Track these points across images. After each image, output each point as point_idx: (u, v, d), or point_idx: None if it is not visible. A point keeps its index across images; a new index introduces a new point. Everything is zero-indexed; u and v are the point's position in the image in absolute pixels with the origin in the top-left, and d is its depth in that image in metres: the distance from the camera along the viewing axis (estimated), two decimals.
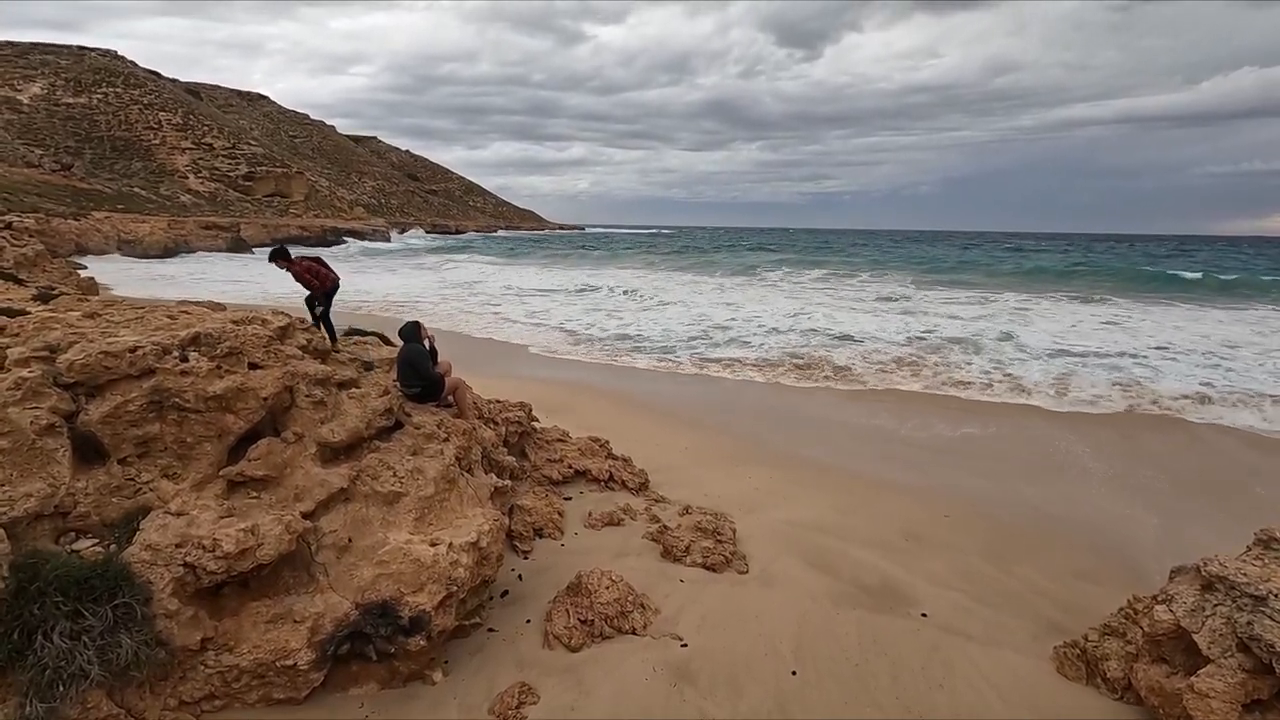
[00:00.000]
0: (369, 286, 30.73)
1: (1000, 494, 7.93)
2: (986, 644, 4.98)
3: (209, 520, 3.98)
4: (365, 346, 6.84)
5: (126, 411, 4.18)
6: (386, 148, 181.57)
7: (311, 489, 4.48)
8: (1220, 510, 7.46)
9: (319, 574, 4.22)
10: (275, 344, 4.95)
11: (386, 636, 4.10)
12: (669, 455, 8.76)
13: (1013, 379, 13.61)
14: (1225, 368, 14.43)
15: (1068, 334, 18.78)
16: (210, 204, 79.89)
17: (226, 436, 4.43)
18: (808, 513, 7.18)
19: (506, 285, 33.21)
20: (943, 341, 17.36)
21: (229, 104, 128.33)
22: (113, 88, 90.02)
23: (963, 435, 10.18)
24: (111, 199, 66.84)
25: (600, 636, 4.86)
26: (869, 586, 5.73)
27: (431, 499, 4.81)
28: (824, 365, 14.88)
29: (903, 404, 11.93)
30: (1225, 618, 3.87)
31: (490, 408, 7.33)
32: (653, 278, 38.42)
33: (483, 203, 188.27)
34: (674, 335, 18.89)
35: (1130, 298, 27.92)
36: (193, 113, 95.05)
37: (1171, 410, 11.52)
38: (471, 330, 19.87)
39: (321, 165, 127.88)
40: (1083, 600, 5.57)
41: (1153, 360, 15.14)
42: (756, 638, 4.92)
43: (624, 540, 6.41)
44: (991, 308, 24.46)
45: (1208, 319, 21.78)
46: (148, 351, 4.28)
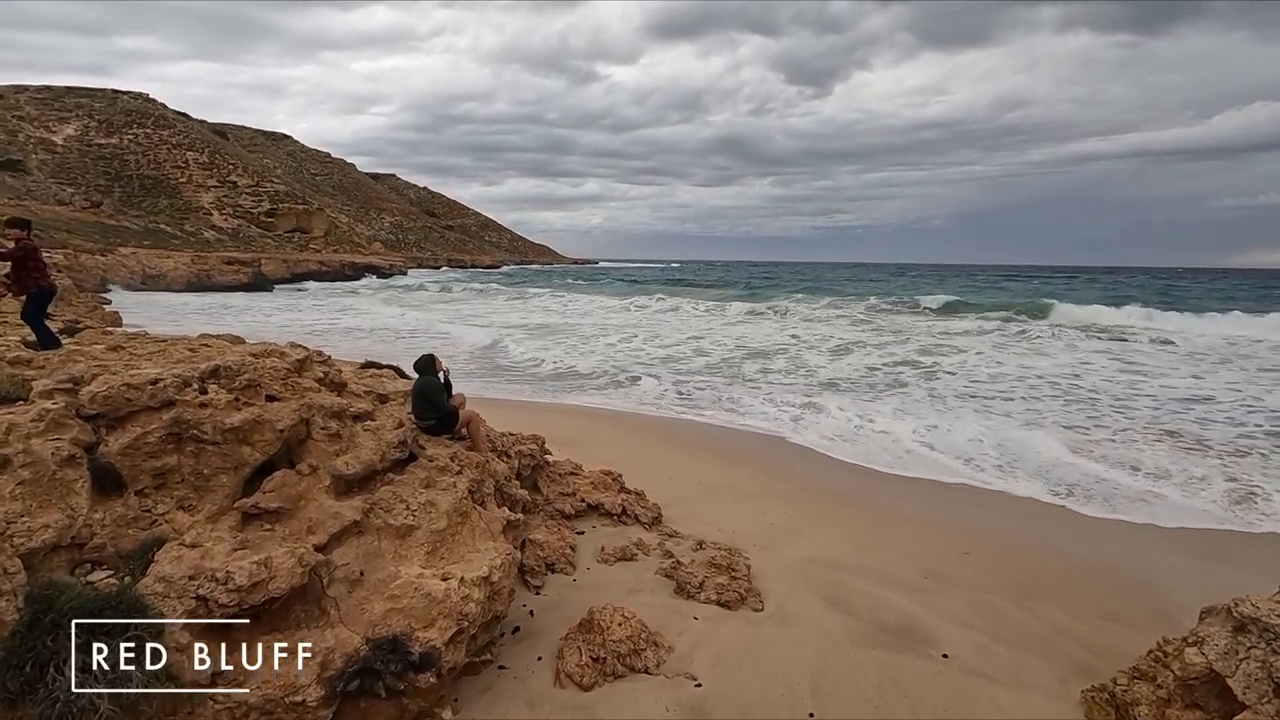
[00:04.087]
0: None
1: (1020, 530, 7.76)
2: (1011, 686, 4.82)
3: (222, 552, 3.98)
4: (381, 379, 6.90)
5: (146, 443, 4.23)
6: (405, 184, 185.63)
7: (325, 521, 4.48)
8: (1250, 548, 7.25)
9: (330, 608, 4.19)
10: (293, 376, 5.01)
11: (396, 673, 4.04)
12: (682, 489, 8.68)
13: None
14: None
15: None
16: (233, 239, 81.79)
17: (242, 468, 4.46)
18: (824, 548, 7.05)
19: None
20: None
21: (254, 143, 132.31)
22: (143, 129, 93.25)
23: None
24: (138, 235, 68.65)
25: (613, 675, 4.77)
26: (888, 625, 5.59)
27: (444, 532, 4.79)
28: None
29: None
30: (1260, 661, 3.73)
31: (503, 440, 7.33)
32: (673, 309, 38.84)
33: (499, 238, 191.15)
34: (683, 367, 18.94)
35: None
36: (219, 152, 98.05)
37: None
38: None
39: (341, 202, 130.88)
40: (1111, 642, 5.39)
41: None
42: (772, 677, 4.80)
43: (637, 576, 6.33)
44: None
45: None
46: (168, 384, 4.35)
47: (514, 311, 39.37)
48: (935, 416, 12.87)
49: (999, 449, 10.75)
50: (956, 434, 11.54)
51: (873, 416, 12.84)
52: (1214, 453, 10.72)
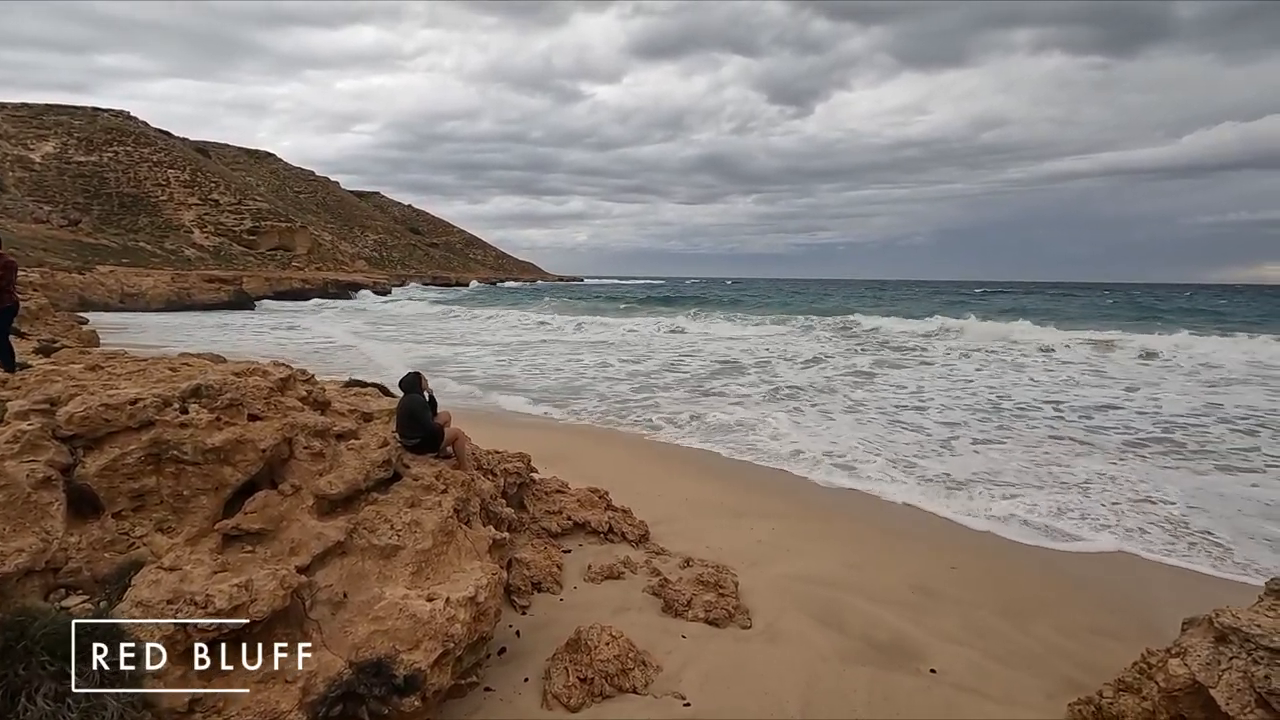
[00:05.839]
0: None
1: (1006, 546, 7.81)
2: (1001, 702, 4.82)
3: (202, 575, 3.91)
4: (365, 397, 6.84)
5: (124, 464, 4.15)
6: (389, 202, 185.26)
7: (308, 542, 4.41)
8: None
9: (313, 630, 4.12)
10: (276, 395, 4.95)
11: (380, 697, 3.96)
12: (670, 507, 8.65)
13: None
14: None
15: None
16: (214, 258, 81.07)
17: (224, 489, 4.39)
18: (813, 565, 7.04)
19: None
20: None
21: (237, 161, 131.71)
22: (123, 146, 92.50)
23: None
24: (117, 253, 67.84)
25: (600, 695, 4.71)
26: (878, 643, 5.57)
27: (429, 552, 4.73)
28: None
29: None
30: (1242, 671, 3.77)
31: (489, 459, 7.27)
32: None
33: (483, 255, 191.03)
34: (663, 383, 19.05)
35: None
36: (200, 170, 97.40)
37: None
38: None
39: (325, 220, 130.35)
40: (1098, 656, 5.39)
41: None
42: (762, 696, 4.77)
43: (624, 594, 6.28)
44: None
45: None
46: (148, 404, 4.28)
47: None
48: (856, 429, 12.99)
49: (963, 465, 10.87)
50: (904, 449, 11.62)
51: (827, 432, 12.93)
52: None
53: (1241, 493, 9.49)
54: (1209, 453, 11.65)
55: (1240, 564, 7.28)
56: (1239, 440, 12.45)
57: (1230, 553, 7.53)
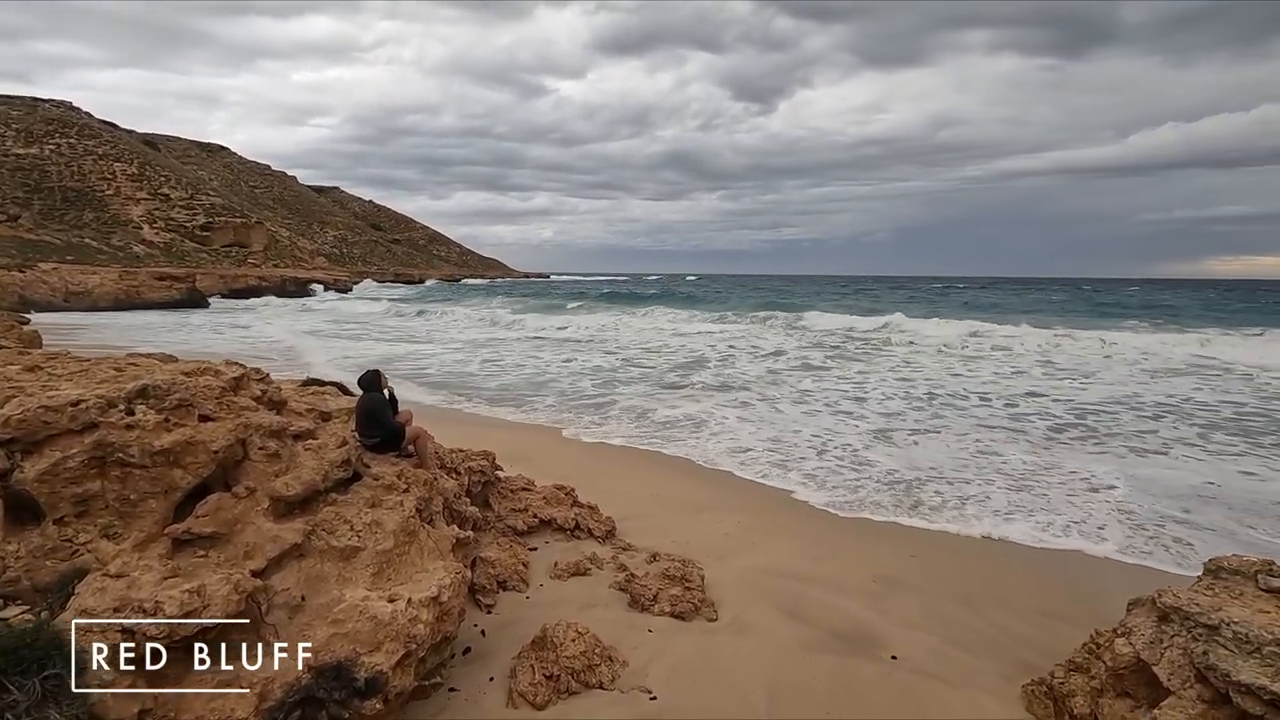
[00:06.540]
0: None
1: (965, 531, 8.02)
2: (957, 685, 4.96)
3: (151, 581, 3.77)
4: (324, 396, 6.69)
5: (65, 468, 3.99)
6: (349, 198, 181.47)
7: (263, 545, 4.29)
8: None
9: (269, 635, 4.01)
10: (228, 395, 4.81)
11: (340, 700, 3.89)
12: (637, 502, 8.66)
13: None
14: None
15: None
16: (165, 255, 78.35)
17: (173, 492, 4.25)
18: (778, 557, 7.13)
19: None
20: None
21: (188, 155, 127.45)
22: (66, 138, 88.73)
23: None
24: (60, 250, 65.09)
25: (567, 692, 4.70)
26: (841, 632, 5.67)
27: (390, 553, 4.65)
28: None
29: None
30: (1182, 649, 3.94)
31: (453, 457, 7.19)
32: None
33: (447, 251, 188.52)
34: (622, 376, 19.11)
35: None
36: (149, 163, 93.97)
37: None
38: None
39: (282, 215, 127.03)
40: (1053, 639, 5.55)
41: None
42: (727, 688, 4.81)
43: (591, 590, 6.27)
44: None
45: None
46: (91, 405, 4.12)
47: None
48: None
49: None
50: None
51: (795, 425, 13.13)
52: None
53: (1161, 475, 9.91)
54: (1115, 435, 12.59)
55: (1169, 546, 7.60)
56: (1143, 425, 13.38)
57: (1159, 535, 7.86)
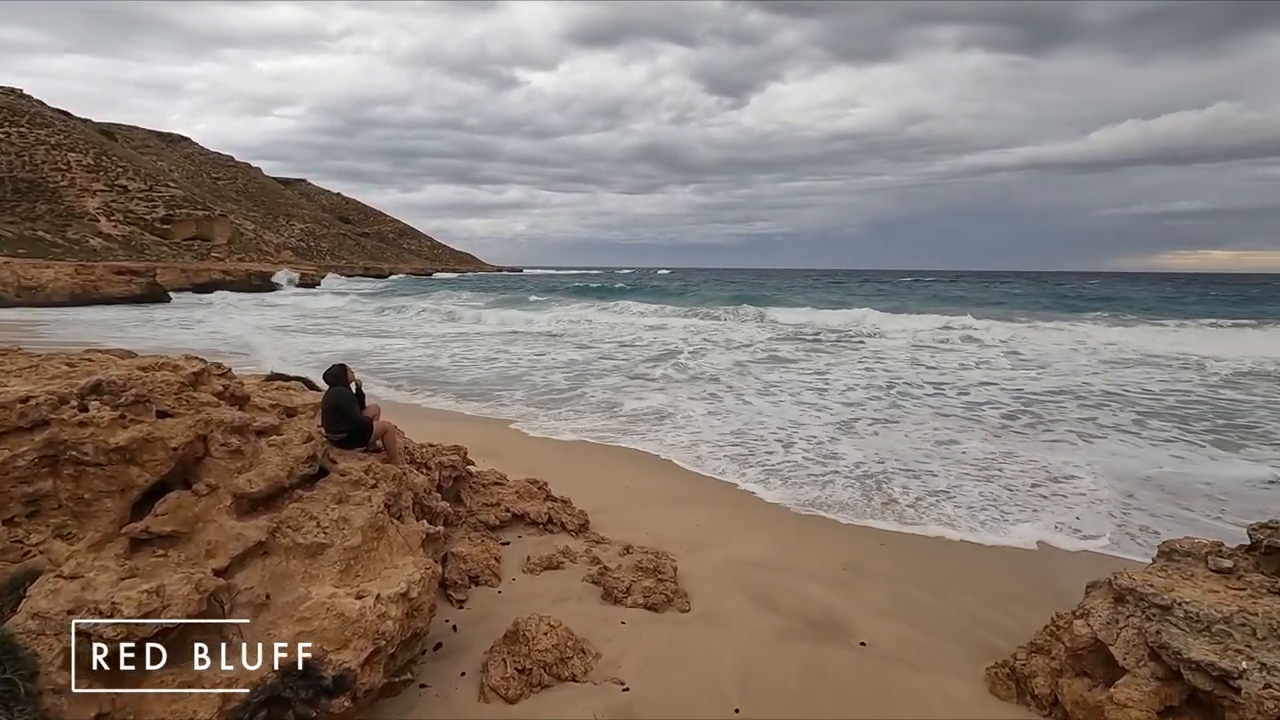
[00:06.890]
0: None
1: (939, 533, 8.18)
2: (925, 670, 5.06)
3: (107, 582, 3.66)
4: (288, 391, 6.56)
5: (15, 467, 3.85)
6: (316, 190, 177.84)
7: (226, 544, 4.20)
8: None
9: (233, 635, 3.93)
10: (188, 390, 4.68)
11: (308, 699, 3.82)
12: (610, 496, 8.66)
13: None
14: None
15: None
16: (124, 248, 76.02)
17: (130, 491, 4.13)
18: (750, 548, 7.20)
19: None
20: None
21: (146, 145, 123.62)
22: (16, 127, 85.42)
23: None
24: (12, 243, 62.73)
25: (539, 685, 4.69)
26: (812, 619, 5.75)
27: (358, 549, 4.58)
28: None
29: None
30: (1137, 629, 4.07)
31: (423, 452, 7.10)
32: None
33: (418, 245, 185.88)
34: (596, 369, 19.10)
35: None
36: (106, 154, 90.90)
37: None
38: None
39: (247, 208, 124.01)
40: (1016, 623, 5.71)
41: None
42: (700, 678, 4.85)
43: (564, 584, 6.26)
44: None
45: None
46: (41, 401, 3.97)
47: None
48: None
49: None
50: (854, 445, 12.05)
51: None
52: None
53: (1113, 463, 10.23)
54: (1059, 421, 13.13)
55: (1128, 529, 7.85)
56: (1084, 412, 13.93)
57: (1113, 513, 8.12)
